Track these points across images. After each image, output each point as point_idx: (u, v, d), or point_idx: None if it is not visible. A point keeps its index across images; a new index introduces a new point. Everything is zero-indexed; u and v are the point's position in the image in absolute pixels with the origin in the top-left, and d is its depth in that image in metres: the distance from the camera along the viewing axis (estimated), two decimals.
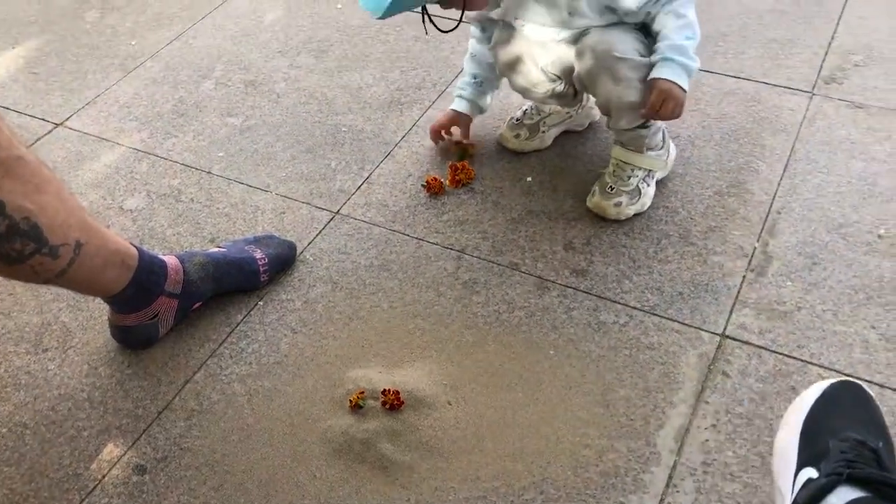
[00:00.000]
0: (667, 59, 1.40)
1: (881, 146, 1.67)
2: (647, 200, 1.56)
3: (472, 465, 1.22)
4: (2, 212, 1.06)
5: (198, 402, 1.34)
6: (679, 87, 1.40)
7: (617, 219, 1.55)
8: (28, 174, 1.09)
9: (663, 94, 1.39)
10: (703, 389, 1.28)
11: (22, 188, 1.08)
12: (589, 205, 1.58)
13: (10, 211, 1.07)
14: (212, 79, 2.03)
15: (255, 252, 1.50)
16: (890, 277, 1.42)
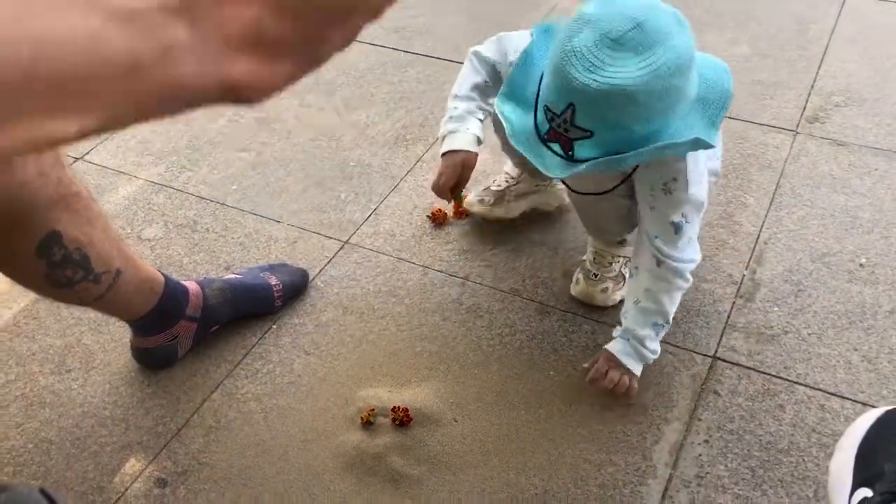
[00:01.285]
0: (626, 339, 1.32)
1: (861, 181, 1.77)
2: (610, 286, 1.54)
3: (478, 478, 1.28)
4: (59, 242, 1.16)
5: (215, 419, 1.40)
6: (628, 370, 1.31)
7: (605, 305, 1.52)
8: (82, 208, 1.19)
9: (610, 366, 1.31)
10: (696, 407, 1.36)
11: (76, 221, 1.18)
12: (574, 293, 1.54)
13: (66, 241, 1.16)
14: (224, 116, 2.12)
15: (270, 279, 1.57)
16: (871, 303, 1.50)
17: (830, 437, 1.29)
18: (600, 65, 1.08)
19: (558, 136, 1.16)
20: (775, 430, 1.31)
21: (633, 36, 1.07)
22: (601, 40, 1.08)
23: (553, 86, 1.13)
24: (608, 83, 1.07)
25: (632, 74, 1.07)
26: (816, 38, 2.24)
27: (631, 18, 1.08)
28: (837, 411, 1.33)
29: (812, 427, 1.31)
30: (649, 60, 1.07)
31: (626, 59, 1.07)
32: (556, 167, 1.18)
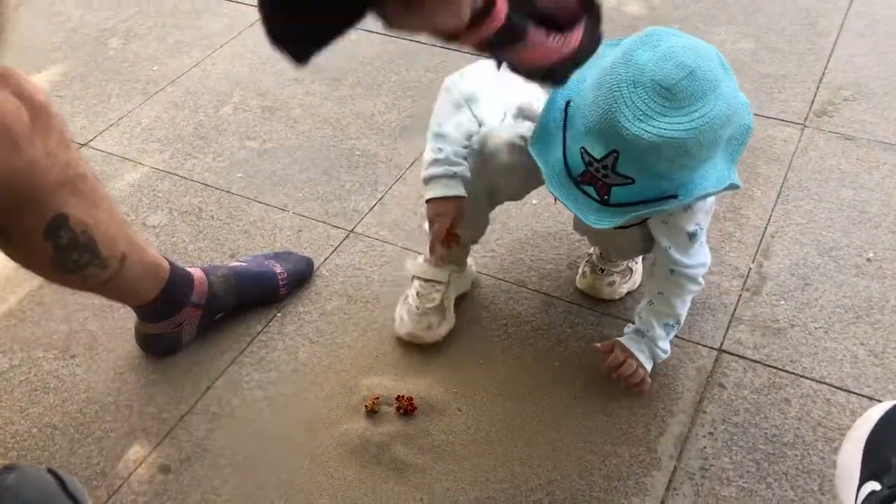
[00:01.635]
0: (639, 337, 1.33)
1: (869, 175, 1.76)
2: (637, 278, 1.54)
3: (482, 467, 1.28)
4: (66, 224, 1.15)
5: (219, 406, 1.40)
6: (642, 365, 1.32)
7: (611, 298, 1.52)
8: (88, 190, 1.18)
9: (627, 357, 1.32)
10: (701, 400, 1.35)
11: (83, 203, 1.16)
12: (580, 286, 1.54)
13: (73, 224, 1.15)
14: (230, 104, 2.12)
15: (275, 267, 1.57)
16: (878, 298, 1.50)
17: (836, 430, 1.29)
18: (652, 115, 1.04)
19: (594, 181, 1.12)
20: (780, 423, 1.31)
21: (686, 85, 1.04)
22: (653, 88, 1.04)
23: (595, 130, 1.09)
24: (661, 135, 1.04)
25: (684, 126, 1.04)
26: (825, 32, 2.23)
27: (683, 66, 1.04)
28: (843, 405, 1.32)
29: (818, 421, 1.31)
30: (702, 111, 1.05)
31: (679, 109, 1.04)
32: (593, 214, 1.14)
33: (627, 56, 1.07)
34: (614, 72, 1.07)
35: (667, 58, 1.05)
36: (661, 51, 1.06)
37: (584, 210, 1.15)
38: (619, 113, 1.05)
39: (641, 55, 1.06)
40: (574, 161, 1.14)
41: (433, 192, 1.28)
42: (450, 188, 1.27)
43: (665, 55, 1.05)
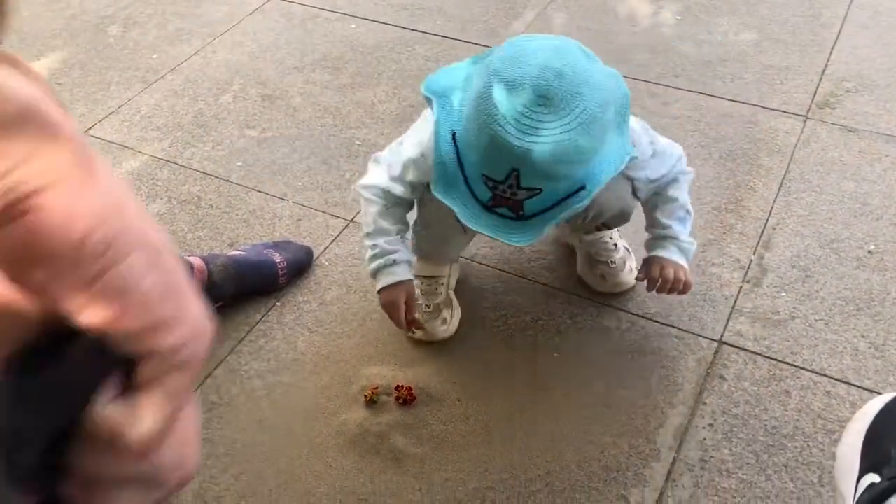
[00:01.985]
0: (660, 239, 1.36)
1: (871, 167, 1.75)
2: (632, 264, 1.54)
3: (481, 457, 1.28)
4: None
5: (218, 395, 1.40)
6: (675, 261, 1.35)
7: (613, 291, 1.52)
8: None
9: (660, 263, 1.34)
10: (701, 391, 1.35)
11: None
12: (580, 273, 1.55)
13: None
14: (230, 92, 2.11)
15: (275, 256, 1.56)
16: (879, 290, 1.49)
17: (836, 423, 1.28)
18: (536, 125, 1.05)
19: (504, 201, 1.14)
20: (780, 415, 1.30)
21: (558, 87, 1.05)
22: (528, 99, 1.05)
23: (489, 155, 1.09)
24: (551, 142, 1.05)
25: (570, 126, 1.05)
26: (829, 23, 2.22)
27: (549, 69, 1.05)
28: (843, 397, 1.32)
29: (818, 413, 1.30)
30: (582, 106, 1.06)
31: (559, 111, 1.05)
32: (516, 234, 1.16)
33: (494, 75, 1.08)
34: (487, 94, 1.07)
35: (532, 66, 1.06)
36: (523, 60, 1.07)
37: (506, 233, 1.17)
38: (504, 133, 1.05)
39: (507, 70, 1.07)
40: (479, 189, 1.15)
41: (380, 284, 1.33)
42: (393, 275, 1.32)
43: (529, 63, 1.06)
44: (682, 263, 1.34)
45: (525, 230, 1.17)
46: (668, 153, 1.31)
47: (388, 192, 1.29)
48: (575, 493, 1.22)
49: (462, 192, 1.16)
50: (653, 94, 2.00)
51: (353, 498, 1.24)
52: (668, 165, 1.31)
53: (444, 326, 1.45)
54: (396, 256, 1.31)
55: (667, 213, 1.34)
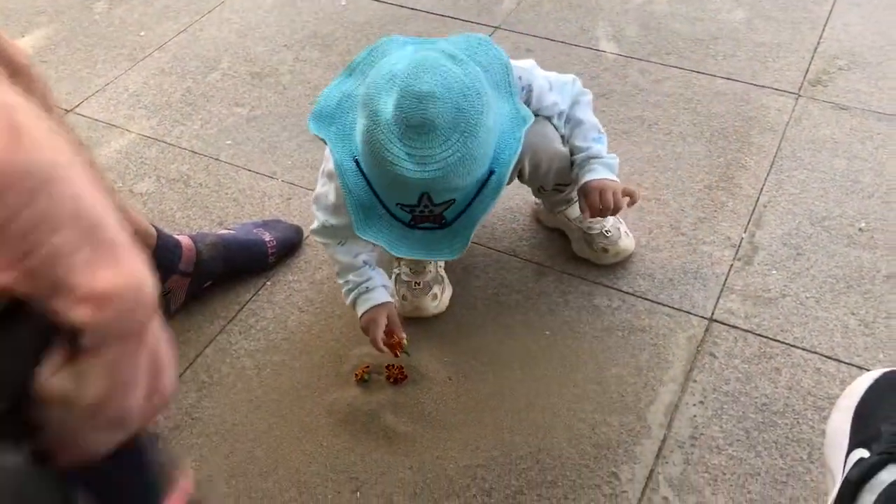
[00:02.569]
0: (584, 164, 1.36)
1: (863, 145, 1.75)
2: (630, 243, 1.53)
3: (471, 436, 1.28)
4: None
5: (208, 375, 1.39)
6: (608, 179, 1.35)
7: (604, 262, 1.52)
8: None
9: (597, 189, 1.34)
10: (692, 369, 1.35)
11: None
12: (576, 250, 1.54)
13: None
14: (218, 70, 2.08)
15: (264, 235, 1.55)
16: (869, 268, 1.49)
17: (826, 399, 1.29)
18: (428, 153, 1.06)
19: (424, 218, 1.16)
20: (771, 392, 1.31)
21: (435, 112, 1.05)
22: (405, 133, 1.05)
23: (395, 188, 1.11)
24: (446, 163, 1.07)
25: (460, 141, 1.07)
26: (820, 0, 2.21)
27: (421, 96, 1.04)
28: (833, 374, 1.33)
29: (808, 390, 1.31)
30: (463, 118, 1.06)
31: (442, 131, 1.06)
32: (446, 247, 1.19)
33: (371, 113, 1.07)
34: (372, 136, 1.08)
35: (401, 96, 1.05)
36: (389, 89, 1.06)
37: (437, 250, 1.20)
38: (402, 171, 1.07)
39: (379, 106, 1.06)
40: (397, 212, 1.16)
41: (359, 311, 1.34)
42: (369, 301, 1.33)
43: (401, 93, 1.05)
44: (612, 178, 1.36)
45: (452, 241, 1.19)
46: (562, 81, 1.34)
47: (331, 227, 1.30)
48: (565, 471, 1.22)
49: (382, 215, 1.18)
50: (644, 71, 1.99)
51: (344, 476, 1.24)
52: (568, 93, 1.34)
53: (434, 302, 1.44)
54: (369, 284, 1.34)
55: (581, 136, 1.36)
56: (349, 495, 1.21)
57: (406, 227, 1.18)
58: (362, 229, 1.18)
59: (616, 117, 1.84)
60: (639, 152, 1.76)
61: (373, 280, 1.34)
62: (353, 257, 1.34)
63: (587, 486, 1.20)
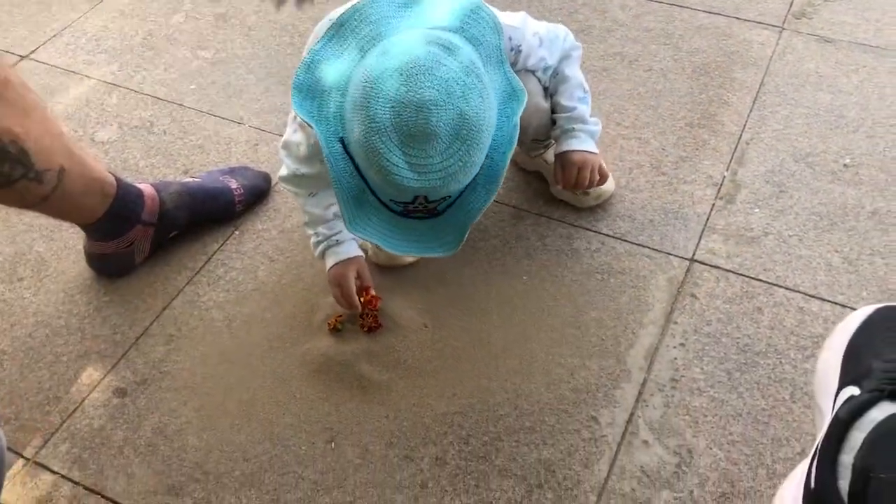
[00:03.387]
0: (568, 129, 1.35)
1: (848, 79, 1.70)
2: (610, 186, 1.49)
3: (448, 383, 1.25)
4: None
5: (176, 327, 1.35)
6: (590, 152, 1.35)
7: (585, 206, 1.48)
8: (15, 97, 1.08)
9: (576, 164, 1.34)
10: (672, 311, 1.32)
11: (10, 111, 1.07)
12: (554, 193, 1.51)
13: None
14: (181, 12, 2.00)
15: (231, 182, 1.50)
16: (853, 204, 1.46)
17: (809, 339, 1.26)
18: (428, 161, 0.98)
19: (417, 211, 1.08)
20: (753, 332, 1.28)
21: (433, 119, 0.96)
22: (405, 142, 0.97)
23: (388, 188, 1.03)
24: (446, 172, 0.99)
25: (462, 150, 0.99)
26: None
27: (419, 106, 0.96)
28: (816, 313, 1.30)
29: (790, 329, 1.28)
30: (465, 125, 0.98)
31: (444, 140, 0.98)
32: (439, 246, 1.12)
33: (369, 122, 0.98)
34: (367, 142, 0.98)
35: (403, 103, 0.96)
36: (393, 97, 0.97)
37: (432, 247, 1.12)
38: (399, 178, 0.99)
39: (380, 113, 0.97)
40: (390, 204, 1.08)
41: (328, 264, 1.31)
42: (338, 254, 1.30)
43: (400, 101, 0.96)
44: (594, 150, 1.35)
45: (446, 234, 1.11)
46: (554, 35, 1.29)
47: (302, 176, 1.24)
48: (544, 416, 1.20)
49: (371, 201, 1.09)
50: (625, 6, 1.92)
51: (318, 427, 1.21)
52: (558, 48, 1.29)
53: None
54: (339, 237, 1.30)
55: (567, 94, 1.33)
56: (324, 446, 1.19)
57: (397, 215, 1.11)
58: (354, 224, 1.09)
59: (595, 53, 1.78)
60: (618, 90, 1.71)
61: (343, 233, 1.30)
62: (324, 209, 1.28)
63: (566, 430, 1.18)
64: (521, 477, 1.13)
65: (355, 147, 1.02)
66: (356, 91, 1.00)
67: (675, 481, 1.11)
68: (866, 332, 0.84)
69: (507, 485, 1.13)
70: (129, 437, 1.21)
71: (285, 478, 1.15)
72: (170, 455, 1.18)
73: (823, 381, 0.84)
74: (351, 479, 1.15)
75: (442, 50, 1.00)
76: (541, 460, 1.15)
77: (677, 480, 1.11)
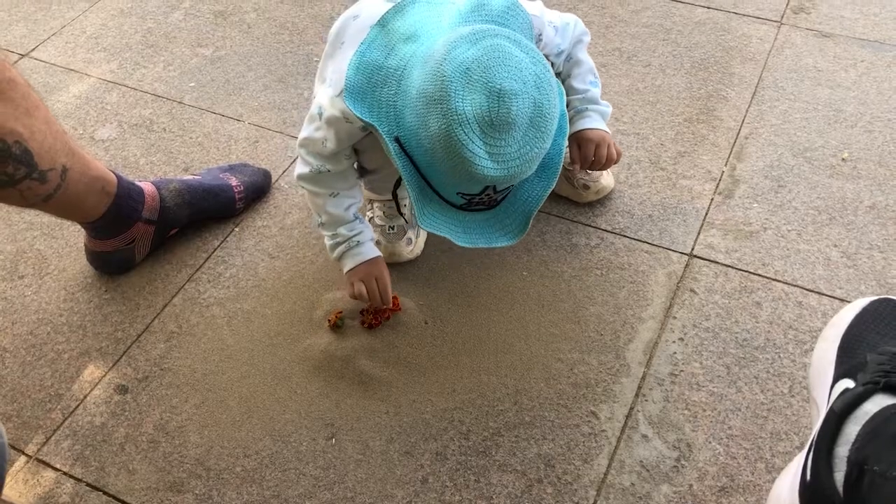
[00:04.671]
0: (581, 110, 1.36)
1: (846, 73, 1.70)
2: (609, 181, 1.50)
3: (448, 379, 1.25)
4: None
5: (177, 324, 1.35)
6: (603, 130, 1.36)
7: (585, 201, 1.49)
8: (19, 97, 1.08)
9: (594, 141, 1.35)
10: (671, 305, 1.32)
11: (13, 111, 1.07)
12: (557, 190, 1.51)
13: (2, 134, 1.06)
14: (181, 9, 2.00)
15: (231, 179, 1.50)
16: (852, 199, 1.46)
17: (807, 333, 1.27)
18: (507, 150, 1.01)
19: (479, 203, 1.11)
20: (752, 327, 1.28)
21: (514, 108, 0.99)
22: (487, 133, 1.00)
23: (459, 181, 1.05)
24: (522, 160, 1.03)
25: (537, 137, 1.02)
26: None
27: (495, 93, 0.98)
28: (815, 307, 1.30)
29: (789, 324, 1.28)
30: (539, 113, 1.02)
31: (522, 129, 1.01)
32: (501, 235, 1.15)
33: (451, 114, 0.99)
34: (448, 134, 1.00)
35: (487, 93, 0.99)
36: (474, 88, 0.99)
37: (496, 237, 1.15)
38: (479, 168, 1.01)
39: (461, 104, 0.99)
40: (451, 198, 1.11)
41: (348, 266, 1.29)
42: (363, 254, 1.28)
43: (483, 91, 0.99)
44: (606, 129, 1.36)
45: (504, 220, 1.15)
46: (564, 22, 1.29)
47: (327, 173, 1.22)
48: (543, 411, 1.20)
49: (432, 197, 1.11)
50: (623, 2, 1.92)
51: (319, 423, 1.21)
52: (570, 34, 1.30)
53: (409, 247, 1.40)
54: (360, 238, 1.28)
55: (579, 78, 1.34)
56: (324, 442, 1.19)
57: (457, 209, 1.13)
58: (426, 219, 1.11)
59: (594, 49, 1.78)
60: (617, 85, 1.71)
61: (363, 234, 1.29)
62: (345, 210, 1.27)
63: (566, 425, 1.18)
64: (520, 472, 1.14)
65: (429, 142, 1.03)
66: (429, 86, 1.01)
67: (674, 475, 1.12)
68: (861, 325, 0.84)
69: (507, 479, 1.13)
70: (130, 434, 1.21)
71: (286, 474, 1.16)
72: (171, 451, 1.19)
73: (819, 373, 0.84)
74: (351, 474, 1.15)
75: (509, 41, 1.03)
76: (540, 455, 1.15)
77: (676, 474, 1.12)
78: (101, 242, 1.38)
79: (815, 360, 0.88)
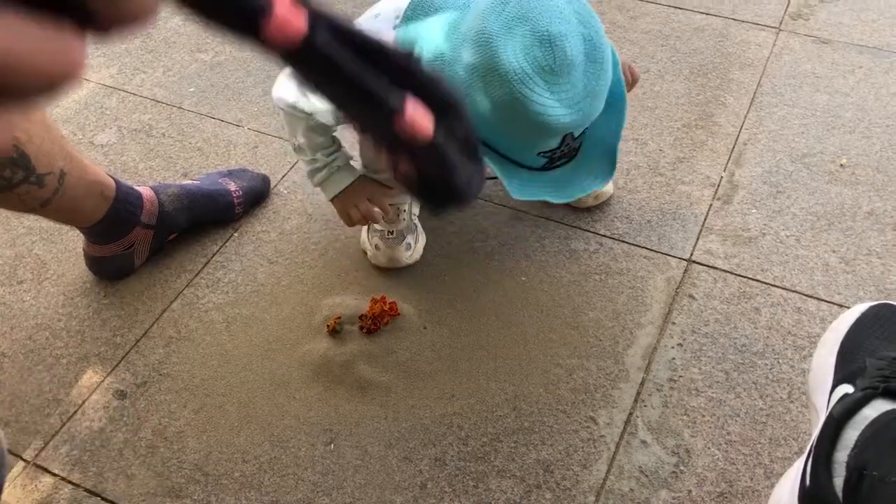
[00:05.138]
0: None
1: (845, 80, 1.71)
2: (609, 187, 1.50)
3: (447, 384, 1.25)
4: None
5: (176, 329, 1.35)
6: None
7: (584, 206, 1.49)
8: None
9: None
10: (670, 311, 1.32)
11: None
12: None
13: None
14: (180, 14, 2.00)
15: (230, 184, 1.50)
16: (850, 204, 1.46)
17: (806, 339, 1.27)
18: (574, 92, 1.04)
19: (563, 156, 1.14)
20: (750, 332, 1.29)
21: (568, 48, 1.02)
22: (550, 80, 1.02)
23: (536, 139, 1.08)
24: (591, 97, 1.06)
25: (596, 70, 1.05)
26: None
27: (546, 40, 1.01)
28: (813, 313, 1.30)
29: (788, 329, 1.29)
30: (591, 45, 1.04)
31: (580, 66, 1.04)
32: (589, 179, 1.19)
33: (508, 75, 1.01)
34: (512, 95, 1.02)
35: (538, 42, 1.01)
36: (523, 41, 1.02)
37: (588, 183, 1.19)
38: (553, 119, 1.04)
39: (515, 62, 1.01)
40: (530, 161, 1.13)
41: (331, 193, 1.28)
42: (343, 180, 1.27)
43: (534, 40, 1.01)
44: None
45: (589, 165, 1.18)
46: None
47: (313, 116, 1.18)
48: (542, 417, 1.20)
49: (511, 169, 1.13)
50: (622, 7, 1.92)
51: (317, 428, 1.21)
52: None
53: (408, 252, 1.40)
54: (339, 162, 1.27)
55: None
56: (323, 448, 1.19)
57: (542, 171, 1.15)
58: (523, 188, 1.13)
59: None
60: None
61: (340, 157, 1.27)
62: (323, 136, 1.23)
63: (565, 431, 1.18)
64: (519, 477, 1.14)
65: (496, 114, 1.05)
66: (475, 58, 1.03)
67: (673, 481, 1.12)
68: (860, 330, 0.84)
69: (505, 485, 1.13)
70: (128, 440, 1.21)
71: (285, 479, 1.15)
72: (169, 457, 1.19)
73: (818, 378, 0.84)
74: (350, 480, 1.15)
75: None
76: (539, 461, 1.15)
77: (675, 480, 1.12)
78: (100, 247, 1.38)
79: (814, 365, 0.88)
